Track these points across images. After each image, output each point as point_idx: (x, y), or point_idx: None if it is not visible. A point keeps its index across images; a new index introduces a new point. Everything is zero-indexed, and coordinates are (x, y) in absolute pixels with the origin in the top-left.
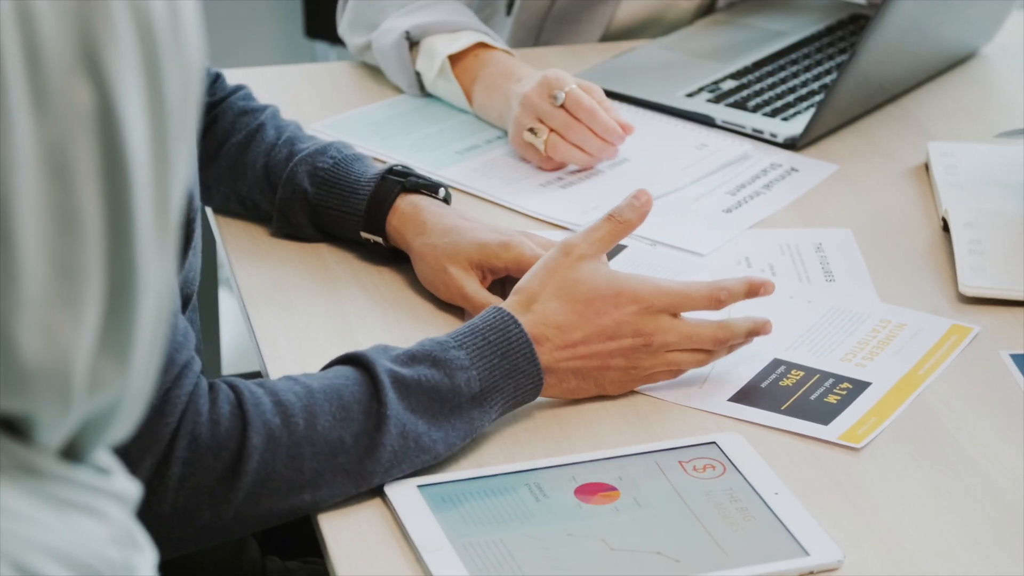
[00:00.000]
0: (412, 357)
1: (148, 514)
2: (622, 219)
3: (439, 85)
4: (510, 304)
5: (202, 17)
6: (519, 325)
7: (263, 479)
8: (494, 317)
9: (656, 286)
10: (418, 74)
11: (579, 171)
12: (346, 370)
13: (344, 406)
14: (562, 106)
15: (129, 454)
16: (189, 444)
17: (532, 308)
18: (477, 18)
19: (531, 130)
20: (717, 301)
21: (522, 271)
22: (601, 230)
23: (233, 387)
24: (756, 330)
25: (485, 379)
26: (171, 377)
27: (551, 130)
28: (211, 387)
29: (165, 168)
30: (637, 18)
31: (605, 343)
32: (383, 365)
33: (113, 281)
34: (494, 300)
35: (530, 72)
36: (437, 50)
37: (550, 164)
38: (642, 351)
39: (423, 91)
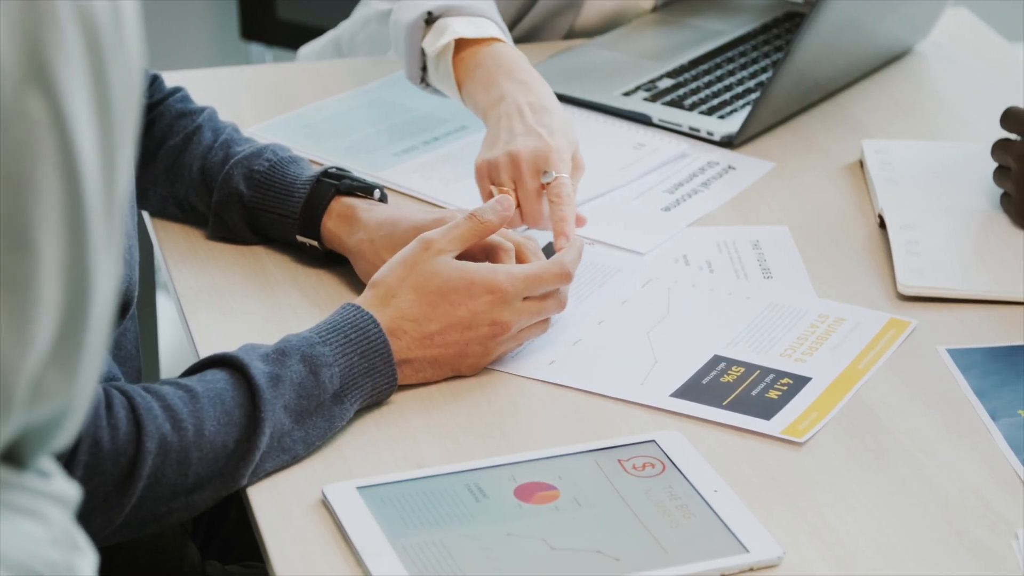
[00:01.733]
0: (282, 353)
1: None
2: (483, 220)
3: (437, 66)
4: (368, 299)
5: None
6: (377, 325)
7: (152, 484)
8: (354, 315)
9: (510, 273)
10: (423, 54)
11: None
12: (221, 374)
13: (227, 411)
14: (543, 184)
15: None
16: (90, 448)
17: (390, 303)
18: (495, 10)
19: (498, 187)
20: (568, 276)
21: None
22: (461, 227)
23: (124, 392)
24: (564, 272)
25: (346, 376)
26: None
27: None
28: (105, 393)
29: (112, 173)
30: (594, 28)
31: (462, 333)
32: (257, 367)
33: (69, 291)
34: None
35: (532, 75)
36: (451, 29)
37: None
38: (500, 338)
39: (422, 80)
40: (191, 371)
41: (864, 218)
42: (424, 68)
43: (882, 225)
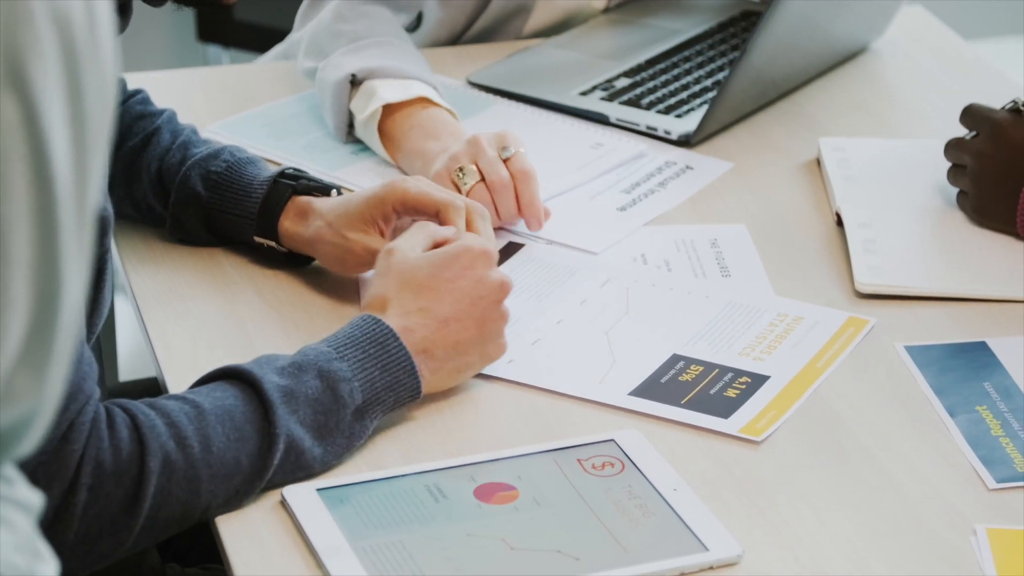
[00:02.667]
0: (298, 368)
1: (53, 544)
2: (435, 228)
3: (365, 129)
4: (377, 311)
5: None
6: (396, 336)
7: (160, 504)
8: (372, 328)
9: (479, 243)
10: (350, 113)
11: None
12: (231, 388)
13: (237, 427)
14: (506, 160)
15: (36, 482)
16: (94, 471)
17: (389, 309)
18: (427, 65)
19: (461, 169)
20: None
21: (409, 207)
22: (417, 236)
23: (127, 410)
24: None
25: (367, 391)
26: (79, 405)
27: (481, 179)
28: (107, 412)
29: (84, 177)
30: (545, 30)
31: (475, 303)
32: (271, 381)
33: (38, 294)
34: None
35: (462, 132)
36: (377, 94)
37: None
38: (508, 298)
39: (349, 135)
40: (201, 382)
41: (822, 216)
42: (351, 125)
43: (839, 223)
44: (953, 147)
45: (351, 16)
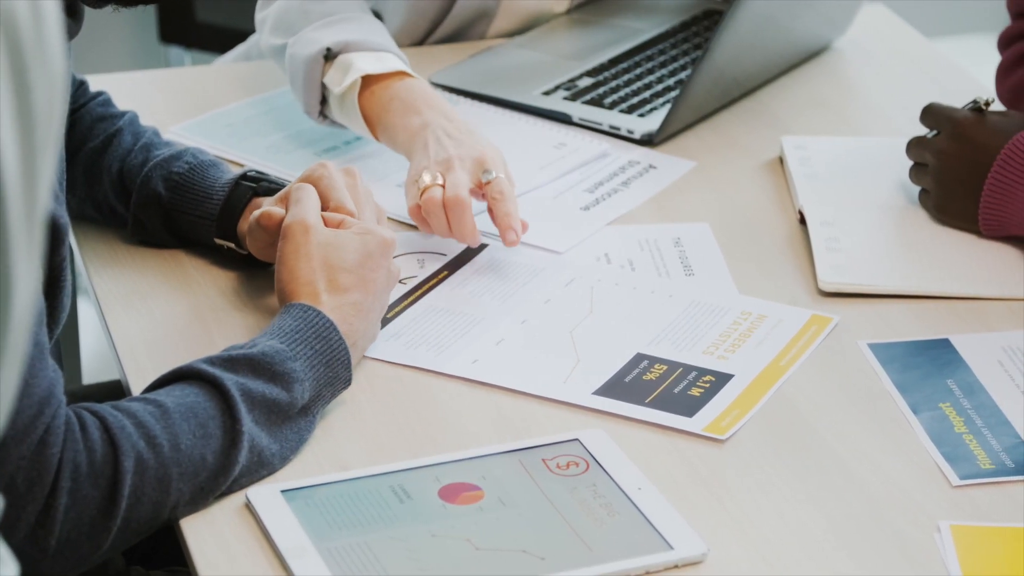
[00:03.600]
0: (255, 366)
1: (35, 551)
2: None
3: (341, 104)
4: (311, 299)
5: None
6: (338, 332)
7: (134, 503)
8: (316, 321)
9: (390, 234)
10: (323, 88)
11: None
12: (191, 387)
13: (201, 424)
14: (486, 183)
15: (15, 488)
16: (71, 473)
17: (320, 297)
18: (393, 41)
19: (428, 171)
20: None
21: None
22: (311, 202)
23: (95, 413)
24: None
25: (314, 388)
26: (52, 410)
27: (442, 186)
28: (76, 415)
29: (33, 177)
30: (508, 34)
31: (382, 295)
32: (231, 379)
33: None
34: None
35: (449, 105)
36: (355, 66)
37: (415, 213)
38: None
39: (320, 114)
40: (158, 384)
41: (784, 214)
42: (323, 102)
43: (802, 221)
44: (915, 146)
45: None
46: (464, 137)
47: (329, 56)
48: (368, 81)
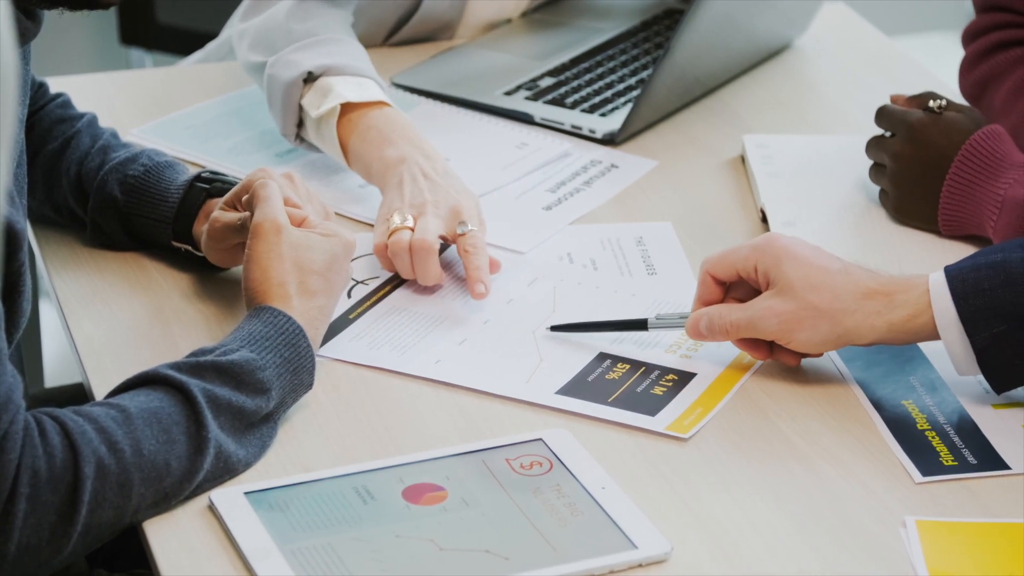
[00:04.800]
0: (221, 375)
1: None
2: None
3: (318, 128)
4: (283, 302)
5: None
6: (307, 338)
7: (94, 508)
8: (285, 327)
9: (352, 236)
10: (300, 110)
11: None
12: (155, 392)
13: (164, 429)
14: (461, 235)
15: None
16: (30, 479)
17: (291, 300)
18: (372, 65)
19: (400, 213)
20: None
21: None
22: (278, 203)
23: (55, 418)
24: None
25: (279, 396)
26: (10, 416)
27: (411, 229)
28: (36, 420)
29: None
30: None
31: (339, 295)
32: (196, 384)
33: None
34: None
35: (426, 140)
36: (335, 91)
37: (380, 251)
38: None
39: (296, 137)
40: (122, 388)
41: (746, 213)
42: (299, 124)
43: (764, 220)
44: (873, 146)
45: (305, 16)
46: (441, 179)
47: (309, 79)
48: (346, 108)
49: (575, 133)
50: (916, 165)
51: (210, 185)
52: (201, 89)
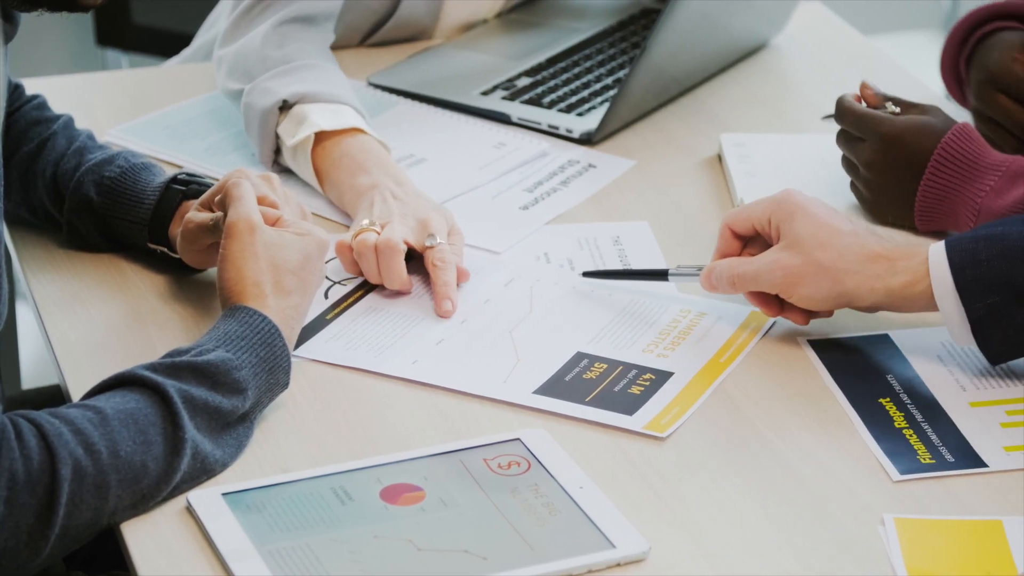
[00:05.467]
0: (197, 375)
1: None
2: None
3: (294, 155)
4: (258, 301)
5: None
6: (282, 338)
7: (72, 510)
8: (261, 327)
9: (326, 235)
10: (277, 137)
11: None
12: (131, 393)
13: (141, 430)
14: (429, 247)
15: None
16: (8, 482)
17: (267, 299)
18: (353, 92)
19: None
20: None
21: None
22: (251, 203)
23: (31, 420)
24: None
25: (255, 396)
26: None
27: (377, 232)
28: (12, 423)
29: None
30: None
31: (313, 294)
32: (172, 385)
33: None
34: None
35: (399, 167)
36: (309, 119)
37: (344, 251)
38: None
39: (274, 164)
40: (99, 389)
41: (724, 211)
42: (278, 151)
43: None
44: (843, 141)
45: (280, 42)
46: (411, 200)
47: (284, 107)
48: (320, 136)
49: (552, 133)
50: (889, 172)
51: (186, 187)
52: (178, 89)
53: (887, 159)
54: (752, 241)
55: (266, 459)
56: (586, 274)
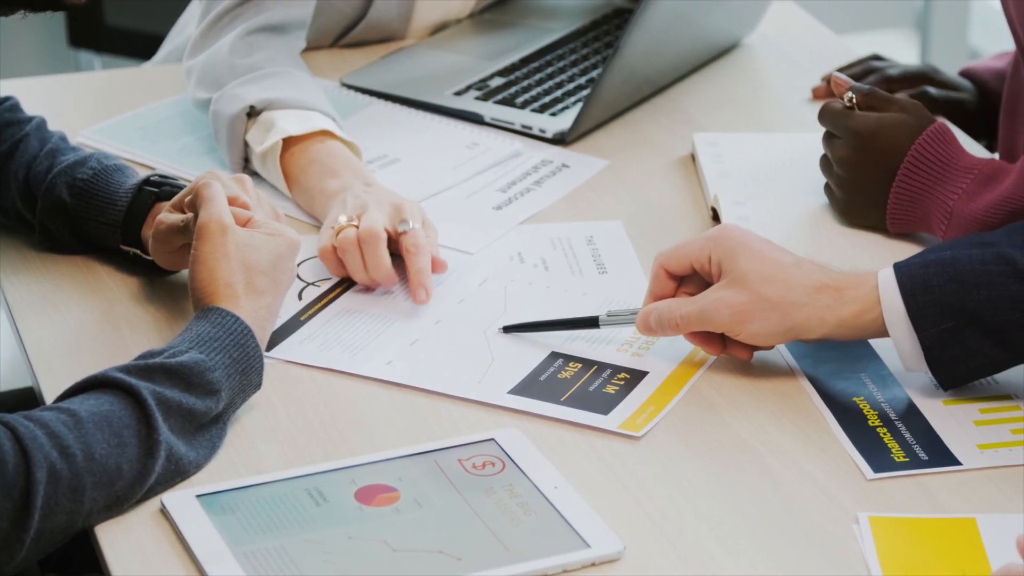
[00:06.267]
0: (171, 377)
1: None
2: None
3: (263, 162)
4: (231, 302)
5: None
6: (255, 339)
7: (47, 513)
8: (234, 328)
9: (296, 235)
10: (246, 146)
11: None
12: (105, 395)
13: (115, 432)
14: (401, 234)
15: None
16: None
17: (239, 300)
18: (324, 95)
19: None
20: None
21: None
22: (222, 203)
23: (5, 424)
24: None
25: (228, 398)
26: None
27: (356, 226)
28: None
29: None
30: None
31: (284, 294)
32: (146, 387)
33: None
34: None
35: (369, 171)
36: (276, 126)
37: (328, 254)
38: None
39: (244, 168)
40: (73, 391)
41: (697, 211)
42: (248, 159)
43: (715, 218)
44: (826, 140)
45: (248, 51)
46: (381, 193)
47: (252, 114)
48: (289, 142)
49: (525, 133)
50: (861, 170)
51: (159, 189)
52: (151, 90)
53: (861, 156)
54: (686, 280)
55: (240, 460)
56: (506, 329)
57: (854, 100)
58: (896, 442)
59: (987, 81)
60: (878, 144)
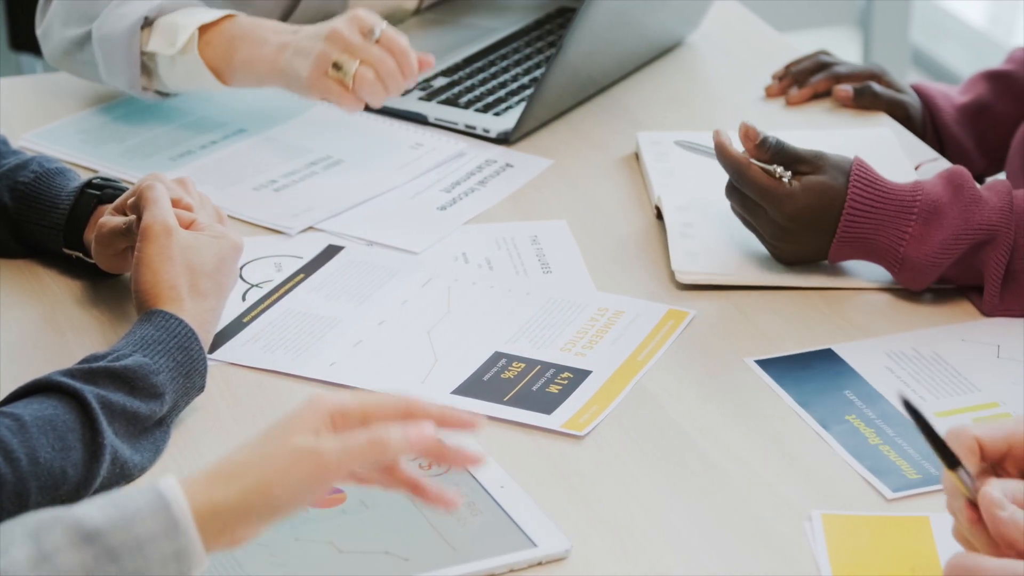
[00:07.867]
0: (115, 380)
1: None
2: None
3: (176, 65)
4: (174, 304)
5: None
6: (199, 341)
7: None
8: (177, 330)
9: (240, 238)
10: (144, 65)
11: (292, 174)
12: (49, 399)
13: (60, 436)
14: (377, 41)
15: None
16: None
17: (184, 302)
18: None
19: (336, 65)
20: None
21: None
22: (166, 206)
23: None
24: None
25: (171, 400)
26: None
27: (361, 62)
28: None
29: None
30: None
31: (227, 296)
32: (90, 391)
33: None
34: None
35: (297, 27)
36: (182, 24)
37: (351, 101)
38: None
39: (143, 88)
40: (16, 395)
41: (641, 210)
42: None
43: (659, 216)
44: (735, 196)
45: None
46: (320, 26)
47: (146, 24)
48: (203, 32)
49: (469, 133)
50: (796, 234)
51: (101, 191)
52: (93, 93)
53: (793, 223)
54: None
55: (185, 463)
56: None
57: (787, 178)
58: (903, 459)
59: (933, 96)
60: (810, 216)
